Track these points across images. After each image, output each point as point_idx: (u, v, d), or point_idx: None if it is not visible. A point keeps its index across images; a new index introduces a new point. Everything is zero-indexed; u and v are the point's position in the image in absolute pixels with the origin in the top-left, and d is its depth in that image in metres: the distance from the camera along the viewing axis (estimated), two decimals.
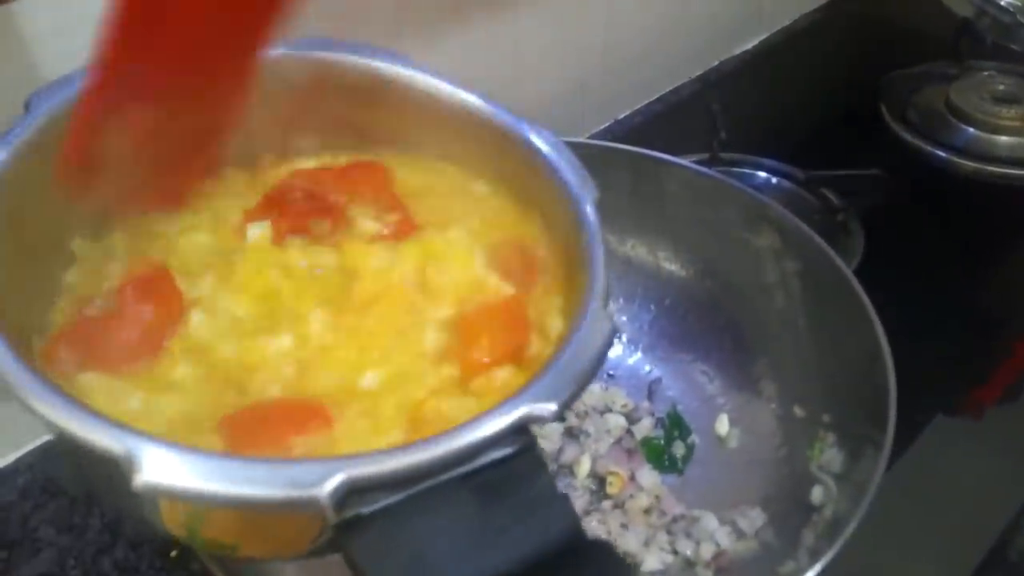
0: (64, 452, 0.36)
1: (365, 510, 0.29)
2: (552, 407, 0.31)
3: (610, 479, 0.60)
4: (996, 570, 0.59)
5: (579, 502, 0.59)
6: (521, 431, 0.31)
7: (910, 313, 0.71)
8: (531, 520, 0.29)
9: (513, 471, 0.30)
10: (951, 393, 0.71)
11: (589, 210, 0.40)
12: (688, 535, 0.57)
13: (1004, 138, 0.88)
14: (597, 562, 0.30)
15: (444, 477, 0.30)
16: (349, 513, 0.29)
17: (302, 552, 0.36)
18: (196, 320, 0.37)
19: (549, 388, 0.32)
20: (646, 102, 0.99)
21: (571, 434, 0.63)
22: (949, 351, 0.73)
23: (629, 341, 0.69)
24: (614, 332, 0.35)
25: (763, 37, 1.10)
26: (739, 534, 0.57)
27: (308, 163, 0.46)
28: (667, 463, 0.61)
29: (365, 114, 0.45)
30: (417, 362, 0.37)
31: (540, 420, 0.31)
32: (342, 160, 0.46)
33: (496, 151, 0.44)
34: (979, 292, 0.81)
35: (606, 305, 0.36)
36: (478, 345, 0.36)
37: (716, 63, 1.05)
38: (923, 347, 0.70)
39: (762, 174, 0.86)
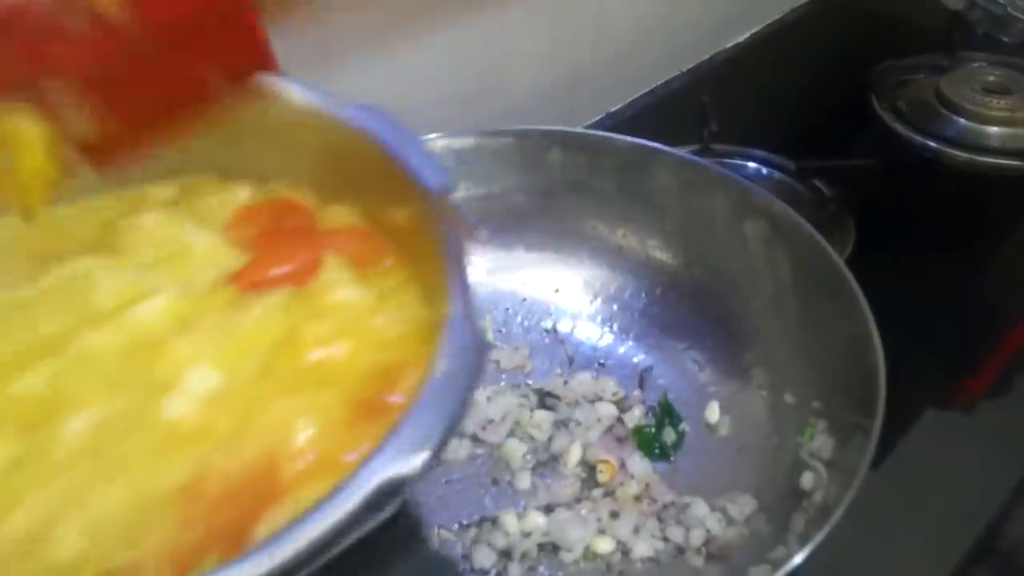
0: None
1: None
2: (415, 463, 0.25)
3: (600, 467, 0.60)
4: (986, 559, 0.59)
5: (569, 490, 0.59)
6: (390, 494, 0.25)
7: (901, 303, 0.71)
8: None
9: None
10: (942, 384, 0.71)
11: (443, 203, 0.33)
12: (678, 522, 0.57)
13: (994, 129, 0.88)
14: None
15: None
16: None
17: None
18: None
19: (411, 438, 0.26)
20: (637, 95, 0.99)
21: (561, 423, 0.63)
22: (941, 342, 0.73)
23: (620, 330, 0.69)
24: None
25: (755, 30, 1.10)
26: (729, 520, 0.56)
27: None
28: (658, 451, 0.61)
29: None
30: None
31: (405, 480, 0.26)
32: None
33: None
34: (971, 283, 0.81)
35: (469, 312, 0.29)
36: None
37: (707, 56, 1.05)
38: (914, 338, 0.70)
39: (752, 165, 0.86)
